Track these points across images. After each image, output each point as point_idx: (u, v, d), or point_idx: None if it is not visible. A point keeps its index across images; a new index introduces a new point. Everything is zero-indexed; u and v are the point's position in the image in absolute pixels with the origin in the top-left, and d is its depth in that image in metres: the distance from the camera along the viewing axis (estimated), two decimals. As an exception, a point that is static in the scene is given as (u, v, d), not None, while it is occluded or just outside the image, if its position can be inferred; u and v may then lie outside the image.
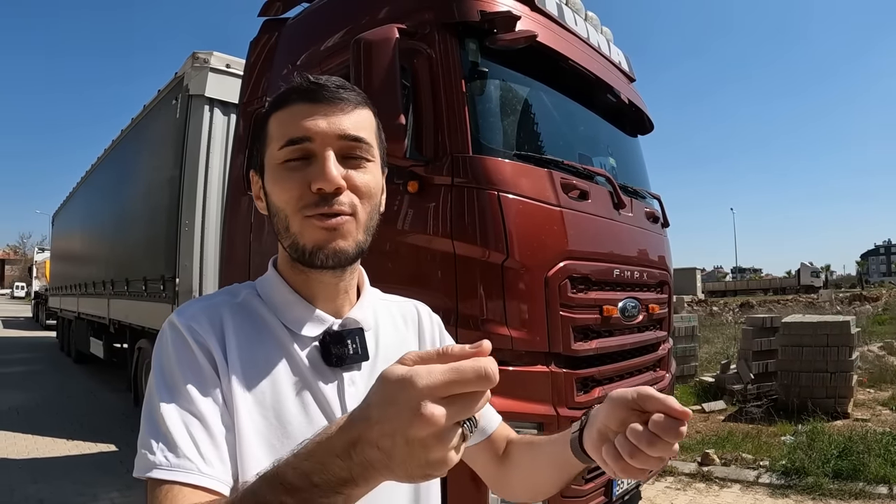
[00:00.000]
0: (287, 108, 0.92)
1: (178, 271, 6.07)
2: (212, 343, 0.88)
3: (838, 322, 7.95)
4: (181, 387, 0.84)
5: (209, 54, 6.18)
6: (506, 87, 3.19)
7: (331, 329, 0.95)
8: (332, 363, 0.94)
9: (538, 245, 2.85)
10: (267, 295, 0.97)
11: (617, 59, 4.05)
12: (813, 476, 4.91)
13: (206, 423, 0.83)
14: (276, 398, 0.89)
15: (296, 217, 0.90)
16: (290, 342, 0.93)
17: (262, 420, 0.87)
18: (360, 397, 0.83)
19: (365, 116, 0.95)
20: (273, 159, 0.92)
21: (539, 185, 2.90)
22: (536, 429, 2.73)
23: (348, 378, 0.95)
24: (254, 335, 0.92)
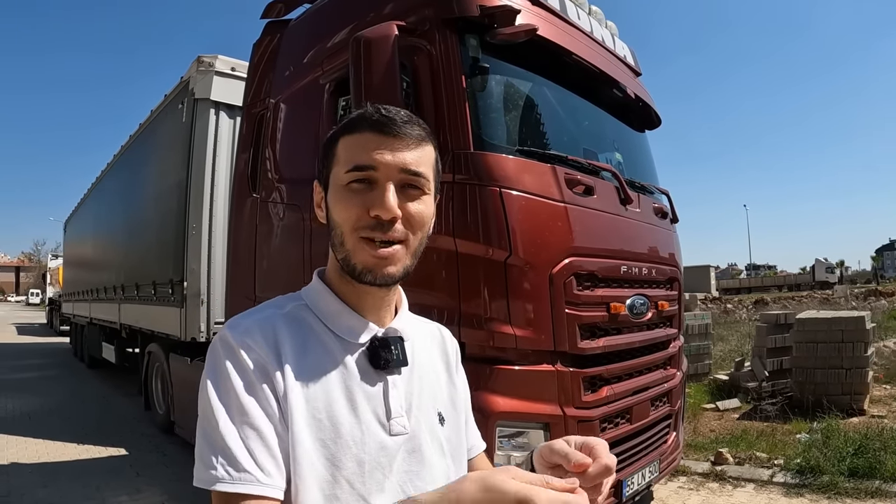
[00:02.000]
0: (357, 134, 1.01)
1: (185, 275, 6.09)
2: (266, 356, 0.94)
3: (853, 318, 7.83)
4: (236, 401, 0.91)
5: (214, 58, 6.20)
6: (508, 83, 3.14)
7: (377, 336, 1.04)
8: (379, 366, 1.02)
9: (542, 242, 2.80)
10: (316, 305, 1.05)
11: (622, 53, 4.00)
12: (828, 475, 4.81)
13: (262, 435, 0.90)
14: (328, 401, 0.96)
15: (351, 236, 0.98)
16: (339, 348, 1.01)
17: (315, 422, 0.94)
18: (401, 399, 1.02)
19: (427, 152, 1.04)
20: (338, 179, 1.01)
21: (542, 181, 2.85)
22: (543, 429, 2.69)
23: (391, 381, 1.03)
24: (305, 344, 0.99)
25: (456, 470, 1.10)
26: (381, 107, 1.03)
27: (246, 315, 1.02)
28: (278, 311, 1.03)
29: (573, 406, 2.80)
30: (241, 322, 0.99)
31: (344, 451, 0.95)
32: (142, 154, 8.44)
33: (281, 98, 4.17)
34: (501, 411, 2.63)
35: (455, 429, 1.13)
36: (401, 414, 1.02)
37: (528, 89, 3.24)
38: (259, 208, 4.36)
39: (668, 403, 3.63)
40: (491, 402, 2.64)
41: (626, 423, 3.16)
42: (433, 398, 1.10)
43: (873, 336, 8.91)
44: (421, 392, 1.07)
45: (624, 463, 3.13)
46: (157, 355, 7.22)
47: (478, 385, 2.68)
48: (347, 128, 1.03)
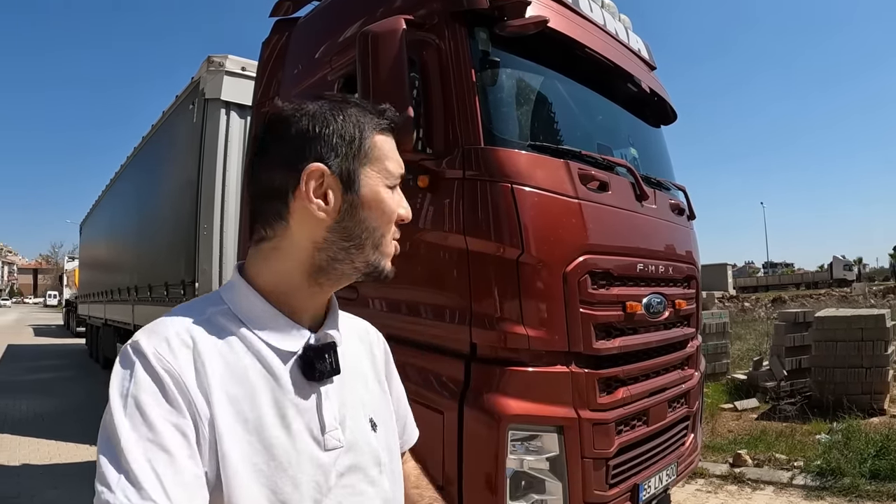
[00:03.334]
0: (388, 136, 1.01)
1: (197, 275, 6.09)
2: (184, 369, 0.85)
3: (873, 315, 7.68)
4: (145, 419, 0.81)
5: (224, 58, 6.19)
6: (519, 77, 3.06)
7: (310, 343, 0.96)
8: (314, 378, 0.95)
9: (555, 239, 2.72)
10: (240, 309, 0.95)
11: (636, 46, 3.90)
12: (849, 477, 4.69)
13: (172, 458, 0.80)
14: (258, 419, 0.89)
15: (387, 237, 0.98)
16: (268, 358, 0.93)
17: (247, 445, 0.87)
18: (334, 410, 0.96)
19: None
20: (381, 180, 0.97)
21: (555, 177, 2.77)
22: (557, 433, 2.61)
23: (324, 392, 0.96)
24: (229, 354, 0.91)
25: (392, 478, 1.05)
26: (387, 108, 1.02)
27: (161, 322, 0.92)
28: (198, 317, 0.93)
29: (588, 408, 2.71)
30: (156, 329, 0.90)
31: (279, 473, 0.88)
32: (154, 155, 8.49)
33: (289, 96, 4.13)
34: (513, 414, 2.56)
35: (387, 433, 1.08)
36: (335, 426, 0.96)
37: (540, 83, 3.16)
38: None
39: (686, 405, 3.53)
40: (502, 404, 2.56)
41: (642, 426, 3.07)
42: (363, 405, 1.04)
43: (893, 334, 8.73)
44: (353, 401, 1.02)
45: (640, 466, 3.04)
46: None
47: (489, 387, 2.62)
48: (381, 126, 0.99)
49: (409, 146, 2.67)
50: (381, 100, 2.68)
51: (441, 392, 2.77)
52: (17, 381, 11.58)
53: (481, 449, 2.57)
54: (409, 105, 2.65)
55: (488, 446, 2.54)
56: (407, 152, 2.71)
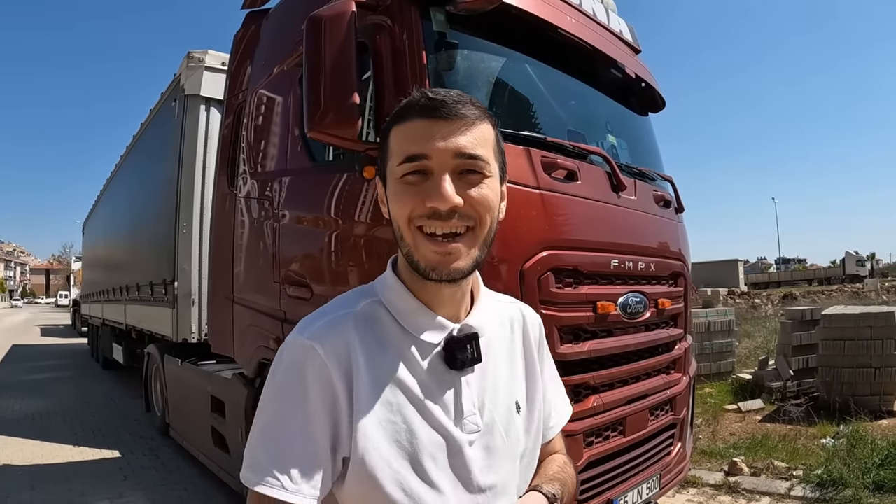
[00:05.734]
0: (406, 123, 0.96)
1: (176, 274, 5.98)
2: (335, 363, 0.94)
3: (882, 313, 7.38)
4: (293, 405, 0.93)
5: (204, 53, 6.08)
6: (479, 60, 2.85)
7: (452, 335, 1.01)
8: (455, 367, 1.01)
9: (512, 233, 2.49)
10: (390, 301, 1.03)
11: (618, 28, 3.65)
12: (851, 488, 4.37)
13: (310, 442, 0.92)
14: (401, 403, 0.97)
15: (407, 229, 0.95)
16: (413, 348, 1.00)
17: (389, 424, 0.95)
18: (473, 397, 1.02)
19: (483, 131, 0.97)
20: (392, 174, 0.97)
21: (514, 165, 2.50)
22: None
23: (464, 381, 1.02)
24: (377, 345, 0.99)
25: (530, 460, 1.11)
26: (427, 90, 0.96)
27: (317, 315, 1.02)
28: (350, 309, 1.01)
29: None
30: (311, 324, 0.99)
31: (420, 450, 0.96)
32: (142, 154, 8.44)
33: (256, 88, 3.98)
34: None
35: (532, 414, 1.13)
36: (473, 412, 1.02)
37: (505, 67, 2.93)
38: (236, 204, 4.17)
39: (672, 412, 3.30)
40: None
41: (618, 436, 2.85)
42: (509, 390, 1.09)
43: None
44: (496, 386, 1.06)
45: (616, 480, 2.82)
46: (154, 357, 7.13)
47: None
48: (397, 117, 0.98)
49: (353, 135, 2.50)
50: (325, 86, 2.56)
51: None
52: (15, 382, 11.54)
53: None
54: (354, 91, 2.48)
55: None
56: (351, 141, 2.56)
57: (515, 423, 1.07)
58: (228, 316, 4.28)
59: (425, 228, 0.94)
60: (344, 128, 2.47)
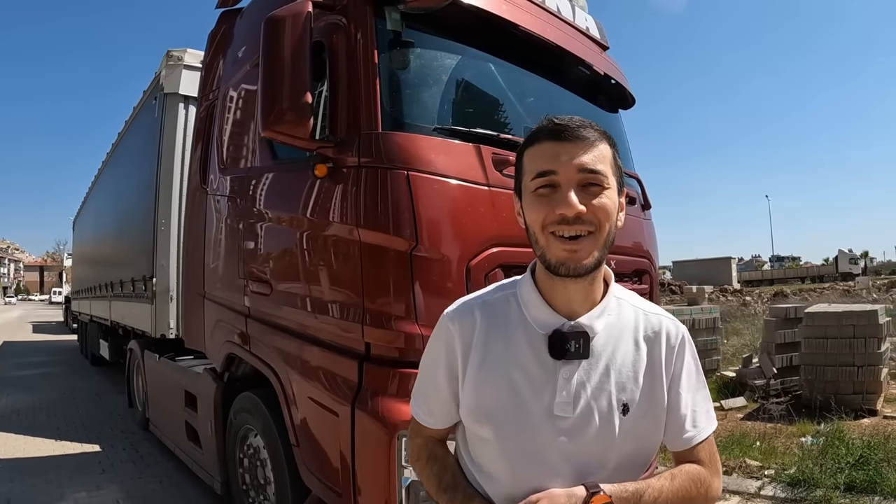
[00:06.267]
0: (538, 145, 1.17)
1: (155, 271, 6.02)
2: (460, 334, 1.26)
3: (865, 311, 7.38)
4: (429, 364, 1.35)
5: (183, 52, 6.13)
6: (434, 57, 2.86)
7: (561, 329, 1.20)
8: (556, 356, 1.19)
9: (458, 230, 2.52)
10: (521, 294, 1.27)
11: (584, 25, 3.64)
12: (823, 489, 4.33)
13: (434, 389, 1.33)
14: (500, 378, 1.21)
15: (542, 234, 1.15)
16: (528, 335, 1.22)
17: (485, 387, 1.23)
18: (571, 387, 1.18)
19: (602, 150, 1.16)
20: (527, 188, 1.18)
21: (462, 163, 2.56)
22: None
23: (564, 370, 1.19)
24: (500, 326, 1.25)
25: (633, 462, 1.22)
26: (554, 117, 1.17)
27: (463, 299, 1.33)
28: (485, 297, 1.31)
29: None
30: (454, 306, 1.32)
31: (510, 423, 1.19)
32: (126, 151, 8.50)
33: (227, 86, 3.99)
34: (404, 421, 2.36)
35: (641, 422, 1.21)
36: (567, 401, 1.18)
37: (460, 64, 2.93)
38: (207, 201, 4.18)
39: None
40: (393, 409, 2.39)
41: None
42: (620, 389, 1.20)
43: (888, 331, 8.40)
44: (602, 383, 1.19)
45: None
46: (136, 352, 7.17)
47: (381, 390, 2.46)
48: (529, 141, 1.19)
49: (305, 133, 2.53)
50: (279, 86, 2.58)
51: (336, 393, 2.63)
52: (2, 378, 11.51)
53: (372, 455, 2.43)
54: (306, 90, 2.52)
55: (379, 453, 2.39)
56: (304, 140, 2.58)
57: (615, 423, 1.18)
58: (200, 311, 4.30)
59: (556, 232, 1.13)
60: (296, 126, 2.51)
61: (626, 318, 1.25)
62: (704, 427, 1.27)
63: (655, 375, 1.23)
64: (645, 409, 1.21)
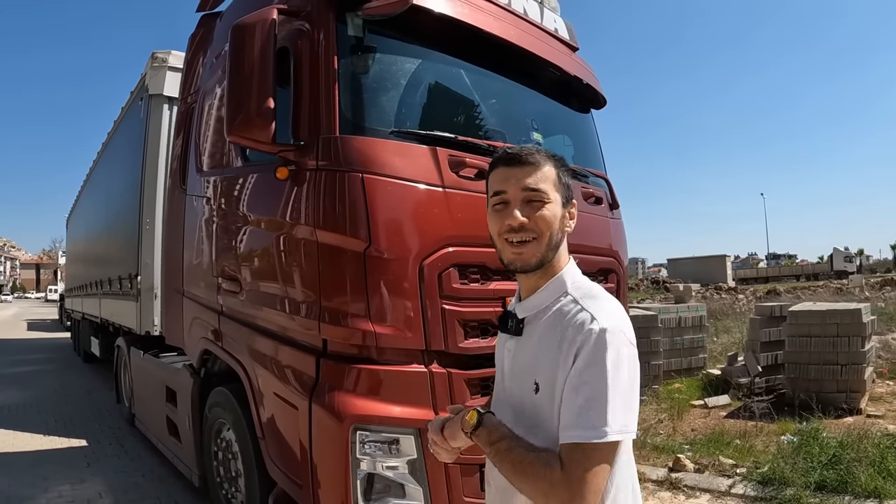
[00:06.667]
0: (495, 170, 1.44)
1: (139, 269, 6.07)
2: None
3: (849, 310, 7.34)
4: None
5: (168, 53, 6.18)
6: (395, 62, 2.93)
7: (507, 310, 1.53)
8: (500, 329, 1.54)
9: (411, 230, 2.59)
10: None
11: (552, 26, 3.68)
12: (793, 487, 4.33)
13: None
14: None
15: (499, 240, 1.42)
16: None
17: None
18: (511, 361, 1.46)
19: (546, 172, 1.40)
20: (490, 204, 1.45)
21: (417, 165, 2.62)
22: (413, 435, 2.47)
23: (509, 344, 1.49)
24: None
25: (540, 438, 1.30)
26: (508, 148, 1.46)
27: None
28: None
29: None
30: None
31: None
32: (114, 151, 8.57)
33: (205, 89, 4.06)
34: (358, 414, 2.45)
35: (547, 400, 1.32)
36: (503, 370, 1.51)
37: (422, 68, 2.99)
38: (185, 200, 4.26)
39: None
40: (347, 403, 2.46)
41: None
42: (536, 370, 1.36)
43: (873, 329, 8.43)
44: (524, 362, 1.41)
45: None
46: (123, 349, 7.24)
47: (337, 385, 2.53)
48: (491, 166, 1.46)
49: (267, 138, 2.60)
50: (243, 91, 2.64)
51: (295, 387, 2.70)
52: (-5, 375, 11.56)
53: (328, 448, 2.50)
54: (269, 96, 2.59)
55: (334, 446, 2.46)
56: (266, 144, 2.65)
57: (526, 399, 1.38)
58: (179, 308, 4.37)
59: (508, 238, 1.39)
60: (259, 131, 2.59)
61: (561, 308, 1.38)
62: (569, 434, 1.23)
63: (560, 366, 1.29)
64: (548, 395, 1.31)
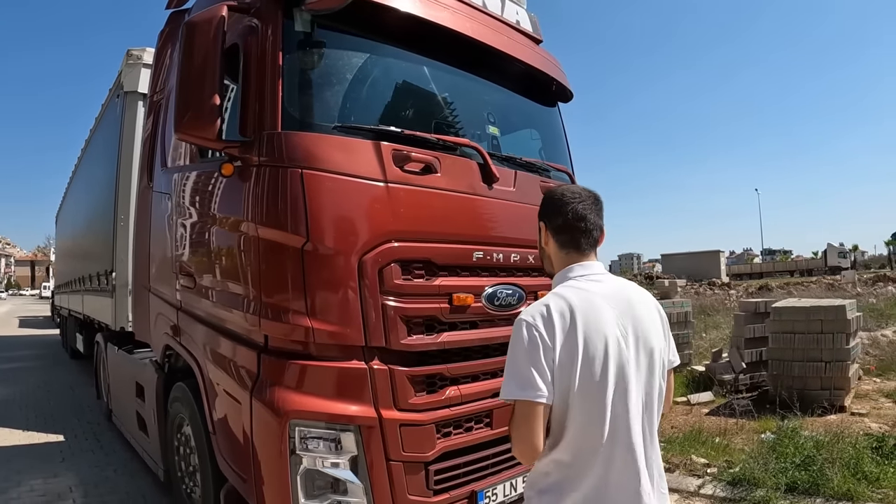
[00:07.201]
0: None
1: (114, 265, 6.06)
2: None
3: (833, 307, 7.27)
4: None
5: (143, 51, 6.15)
6: (342, 57, 2.89)
7: None
8: None
9: (350, 226, 2.55)
10: None
11: (514, 18, 3.62)
12: (764, 489, 4.23)
13: None
14: None
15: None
16: None
17: None
18: None
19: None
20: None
21: (358, 160, 2.59)
22: (354, 432, 2.45)
23: None
24: None
25: None
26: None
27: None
28: None
29: (395, 408, 2.53)
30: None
31: None
32: (94, 148, 8.59)
33: (170, 85, 4.03)
34: (295, 410, 2.42)
35: None
36: None
37: (370, 63, 2.95)
38: (151, 197, 4.25)
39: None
40: (285, 399, 2.44)
41: (484, 428, 2.86)
42: None
43: (860, 325, 8.39)
44: None
45: (482, 472, 2.84)
46: (101, 345, 7.24)
47: (276, 381, 2.51)
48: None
49: (213, 135, 2.59)
50: (191, 89, 2.61)
51: (239, 383, 2.69)
52: (-18, 371, 11.54)
53: (268, 444, 2.48)
54: (214, 93, 2.57)
55: (273, 442, 2.45)
56: (212, 141, 2.62)
57: None
58: (146, 304, 4.36)
59: None
60: (204, 128, 2.56)
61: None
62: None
63: None
64: None
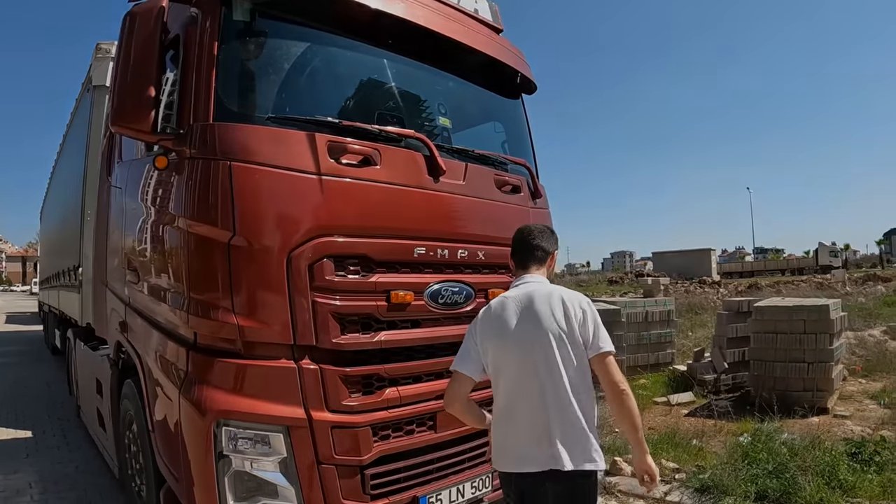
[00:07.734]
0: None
1: (81, 260, 5.96)
2: None
3: (816, 307, 7.13)
4: None
5: (111, 44, 6.03)
6: (280, 47, 2.80)
7: None
8: None
9: (280, 220, 2.47)
10: None
11: (472, 7, 3.51)
12: (732, 497, 4.10)
13: None
14: None
15: None
16: None
17: None
18: None
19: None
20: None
21: (290, 152, 2.50)
22: (283, 433, 2.36)
23: None
24: None
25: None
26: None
27: None
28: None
29: (327, 409, 2.44)
30: None
31: None
32: (69, 143, 8.49)
33: None
34: (221, 409, 2.35)
35: None
36: None
37: (311, 53, 2.87)
38: (109, 192, 4.18)
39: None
40: (210, 398, 2.37)
41: (427, 431, 2.77)
42: None
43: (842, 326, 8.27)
44: None
45: (425, 477, 2.75)
46: (71, 341, 7.19)
47: (203, 379, 2.43)
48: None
49: (147, 127, 2.52)
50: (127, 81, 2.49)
51: (172, 380, 2.63)
52: (-40, 368, 11.42)
53: (195, 443, 2.42)
54: (150, 85, 2.51)
55: (199, 441, 2.38)
56: (146, 133, 2.51)
57: None
58: (103, 299, 4.29)
59: None
60: (139, 121, 2.50)
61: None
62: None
63: None
64: None
